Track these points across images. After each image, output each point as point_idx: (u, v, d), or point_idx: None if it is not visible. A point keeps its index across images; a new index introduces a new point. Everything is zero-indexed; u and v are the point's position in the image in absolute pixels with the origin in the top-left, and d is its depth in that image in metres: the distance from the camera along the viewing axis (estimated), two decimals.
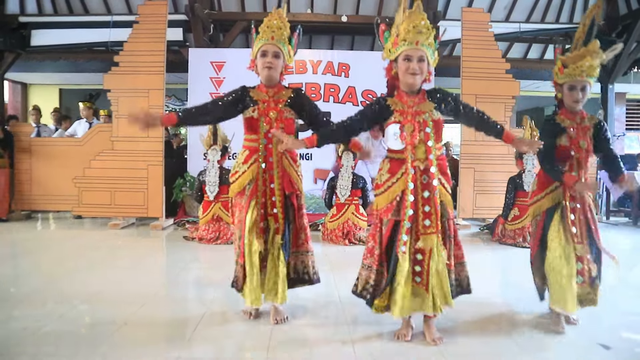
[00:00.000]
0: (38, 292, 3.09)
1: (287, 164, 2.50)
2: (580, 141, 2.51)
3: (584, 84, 2.49)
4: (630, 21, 7.50)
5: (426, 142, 2.21)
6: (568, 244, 2.46)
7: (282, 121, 2.45)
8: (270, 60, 2.44)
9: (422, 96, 2.28)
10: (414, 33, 2.15)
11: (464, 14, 6.39)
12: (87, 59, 8.57)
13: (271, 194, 2.46)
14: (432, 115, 2.24)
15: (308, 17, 7.58)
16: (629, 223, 6.90)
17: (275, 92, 2.51)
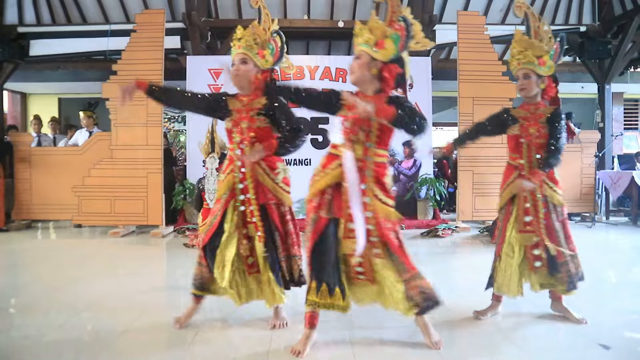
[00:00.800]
0: (39, 301, 3.09)
1: (261, 173, 2.46)
2: (530, 127, 2.59)
3: (523, 71, 2.58)
4: (626, 22, 7.54)
5: (365, 143, 2.18)
6: (516, 232, 2.58)
7: (253, 130, 2.43)
8: (237, 67, 2.47)
9: (381, 99, 2.18)
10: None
11: (460, 17, 6.42)
12: (86, 68, 8.61)
13: (249, 203, 2.46)
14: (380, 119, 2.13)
15: (305, 23, 7.63)
16: (628, 222, 6.90)
17: (250, 101, 2.50)
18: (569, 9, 8.49)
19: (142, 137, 5.98)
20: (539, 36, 2.63)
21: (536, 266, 2.58)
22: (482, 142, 6.06)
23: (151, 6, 7.87)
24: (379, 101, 2.15)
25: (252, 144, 2.42)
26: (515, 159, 2.68)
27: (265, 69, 2.53)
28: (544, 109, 2.61)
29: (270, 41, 2.56)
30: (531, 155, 2.59)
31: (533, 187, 2.52)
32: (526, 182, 2.49)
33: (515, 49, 2.61)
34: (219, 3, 8.07)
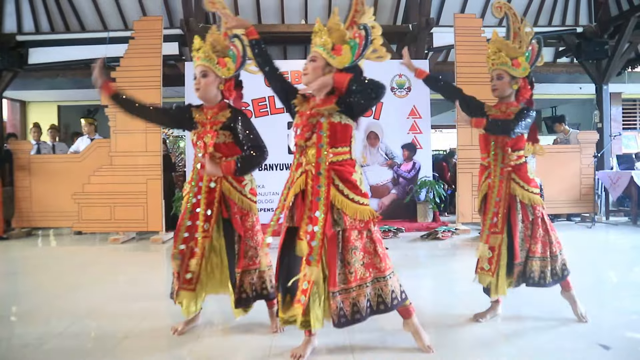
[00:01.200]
0: (39, 309, 3.09)
1: (228, 187, 2.42)
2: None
3: (497, 72, 2.60)
4: (622, 22, 7.56)
5: (317, 145, 2.10)
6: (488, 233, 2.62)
7: (214, 146, 2.38)
8: (198, 80, 2.42)
9: (331, 99, 2.10)
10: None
11: (457, 20, 6.45)
12: (85, 75, 8.61)
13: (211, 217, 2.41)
14: (332, 118, 2.09)
15: (302, 28, 7.64)
16: (628, 222, 6.90)
17: (214, 114, 2.44)
18: (565, 10, 8.52)
19: (141, 143, 6.00)
20: (518, 37, 2.63)
21: (484, 268, 2.62)
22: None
23: (149, 13, 7.91)
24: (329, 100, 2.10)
25: (219, 159, 2.37)
26: (484, 159, 2.71)
27: (229, 77, 2.47)
28: (515, 109, 2.60)
29: (231, 47, 2.45)
30: (497, 153, 2.61)
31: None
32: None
33: (490, 49, 2.63)
34: None
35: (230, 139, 2.41)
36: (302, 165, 2.16)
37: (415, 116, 6.82)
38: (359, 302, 2.09)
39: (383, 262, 2.14)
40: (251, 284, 2.48)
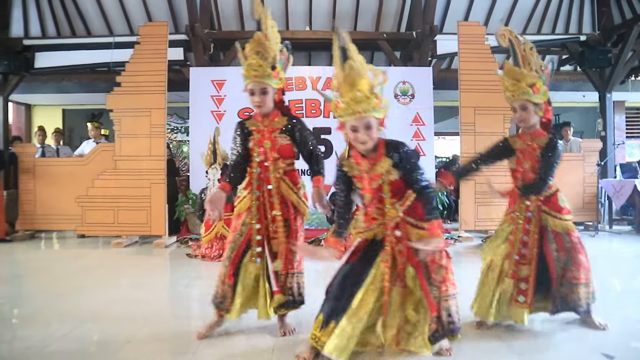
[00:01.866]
0: (42, 311, 3.10)
1: (286, 188, 2.53)
2: (524, 161, 2.60)
3: (520, 103, 2.55)
4: (625, 30, 7.58)
5: (383, 206, 2.20)
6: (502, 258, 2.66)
7: (276, 150, 2.50)
8: (258, 100, 2.46)
9: (379, 154, 2.15)
10: (353, 104, 2.02)
11: (460, 27, 6.47)
12: (90, 79, 8.69)
13: (272, 220, 2.51)
14: (390, 176, 2.14)
15: (307, 35, 7.70)
16: (631, 231, 6.88)
17: (270, 121, 2.53)
18: (568, 19, 8.54)
19: (145, 147, 6.02)
20: (526, 60, 2.55)
21: (519, 301, 2.56)
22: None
23: (155, 18, 7.97)
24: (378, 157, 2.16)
25: (276, 161, 2.50)
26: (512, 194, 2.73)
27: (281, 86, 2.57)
28: (539, 140, 2.56)
29: (281, 56, 2.53)
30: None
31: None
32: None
33: (507, 81, 2.57)
34: (221, 15, 8.16)
35: (287, 142, 2.52)
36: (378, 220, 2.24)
37: (419, 123, 6.83)
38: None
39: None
40: (291, 287, 2.56)
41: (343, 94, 2.06)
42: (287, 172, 2.55)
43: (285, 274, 2.53)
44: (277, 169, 2.50)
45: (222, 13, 8.15)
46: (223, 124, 6.40)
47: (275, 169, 2.49)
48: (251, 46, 2.44)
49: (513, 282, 2.58)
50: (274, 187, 2.50)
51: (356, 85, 2.02)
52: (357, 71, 2.02)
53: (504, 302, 2.60)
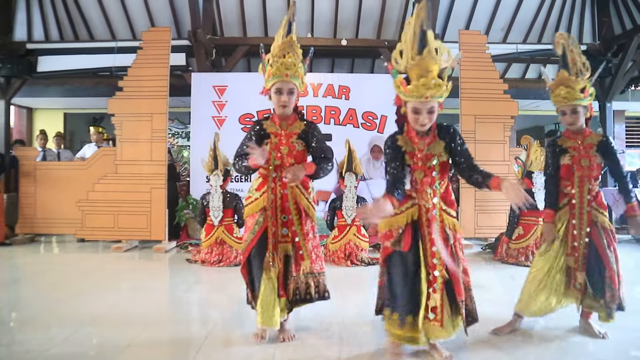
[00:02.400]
0: (41, 316, 3.10)
1: (299, 193, 2.57)
2: (582, 159, 2.64)
3: (571, 107, 2.64)
4: (625, 41, 7.62)
5: (432, 185, 2.28)
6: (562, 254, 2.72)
7: (292, 156, 2.53)
8: (285, 99, 2.48)
9: (433, 134, 2.32)
10: (424, 89, 2.13)
11: (462, 36, 6.51)
12: (92, 84, 8.71)
13: (288, 222, 2.55)
14: (441, 157, 2.29)
15: (309, 42, 7.73)
16: (631, 240, 6.88)
17: (288, 125, 2.57)
18: (569, 28, 8.58)
19: (146, 152, 6.04)
20: (574, 62, 2.67)
21: (576, 287, 2.69)
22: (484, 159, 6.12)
23: (157, 24, 8.01)
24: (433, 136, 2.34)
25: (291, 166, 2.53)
26: (566, 187, 2.72)
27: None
28: (590, 138, 2.68)
29: (305, 62, 2.59)
30: (583, 186, 2.66)
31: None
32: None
33: (562, 89, 2.64)
34: (224, 21, 8.20)
35: (302, 147, 2.56)
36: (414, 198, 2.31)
37: None
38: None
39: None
40: (309, 286, 2.60)
41: (414, 76, 2.14)
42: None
43: (318, 273, 2.61)
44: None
45: (225, 19, 8.19)
46: (224, 129, 6.42)
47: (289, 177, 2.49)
48: (282, 47, 2.48)
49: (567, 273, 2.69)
50: (289, 192, 2.54)
51: (430, 71, 2.12)
52: (433, 58, 2.11)
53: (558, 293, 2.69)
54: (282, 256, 2.55)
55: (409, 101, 2.19)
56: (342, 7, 8.10)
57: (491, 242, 5.90)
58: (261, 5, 8.02)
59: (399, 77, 2.21)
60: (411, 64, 2.15)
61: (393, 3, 8.10)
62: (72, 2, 7.97)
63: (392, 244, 2.27)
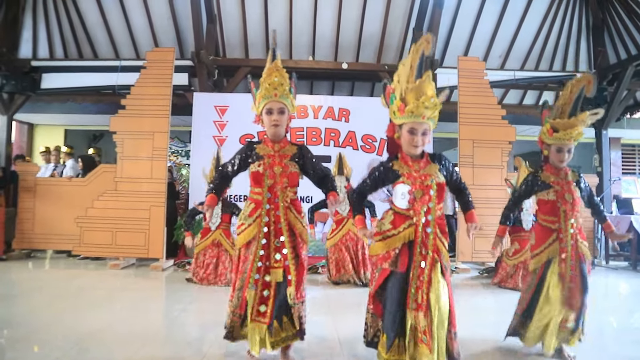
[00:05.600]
0: (35, 333, 3.07)
1: (293, 217, 2.54)
2: (566, 194, 2.75)
3: (570, 146, 2.76)
4: (620, 70, 7.78)
5: (428, 204, 2.30)
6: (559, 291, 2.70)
7: (286, 176, 2.52)
8: (276, 118, 2.51)
9: (426, 159, 2.38)
10: (422, 108, 2.21)
11: (460, 62, 6.63)
12: (94, 101, 8.80)
13: (281, 246, 2.48)
14: (437, 178, 2.33)
15: (310, 64, 7.87)
16: (628, 267, 6.89)
17: (281, 147, 2.57)
18: (565, 57, 8.76)
19: (146, 170, 6.07)
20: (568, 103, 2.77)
21: (567, 326, 2.70)
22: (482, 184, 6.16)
23: (161, 44, 8.14)
24: (426, 161, 2.40)
25: (285, 188, 2.51)
26: (553, 223, 2.78)
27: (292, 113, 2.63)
28: (570, 175, 2.80)
29: (292, 84, 2.61)
30: (567, 221, 2.73)
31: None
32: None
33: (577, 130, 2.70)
34: (226, 42, 8.34)
35: (295, 169, 2.56)
36: (411, 218, 2.31)
37: None
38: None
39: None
40: (300, 316, 2.53)
41: (412, 99, 2.23)
42: (292, 201, 2.56)
43: (300, 302, 2.51)
44: (285, 196, 2.51)
45: (228, 41, 8.33)
46: (224, 149, 6.42)
47: (283, 197, 2.50)
48: (269, 72, 2.55)
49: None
50: (282, 214, 2.49)
51: (428, 93, 2.22)
52: (431, 82, 2.24)
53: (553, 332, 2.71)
54: (274, 283, 2.46)
55: (406, 123, 2.27)
56: (344, 31, 8.26)
57: (488, 266, 5.90)
58: (263, 27, 8.17)
59: (397, 100, 2.29)
60: (410, 87, 2.24)
61: (393, 28, 8.27)
62: (78, 21, 8.12)
63: (390, 264, 2.29)
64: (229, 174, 2.63)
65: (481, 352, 2.80)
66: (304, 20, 8.17)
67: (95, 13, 8.04)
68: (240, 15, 8.01)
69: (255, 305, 2.44)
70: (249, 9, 7.95)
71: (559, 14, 8.40)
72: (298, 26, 8.18)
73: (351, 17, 8.14)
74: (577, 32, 8.60)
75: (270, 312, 2.43)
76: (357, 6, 8.00)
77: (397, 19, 8.17)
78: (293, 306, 2.47)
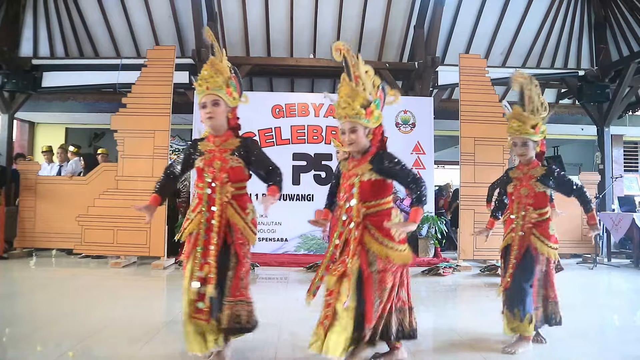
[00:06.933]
0: (36, 332, 3.07)
1: (232, 212, 2.43)
2: (522, 188, 2.89)
3: (519, 140, 2.88)
4: (622, 67, 7.74)
5: (349, 202, 2.36)
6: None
7: (225, 171, 2.42)
8: (209, 110, 2.42)
9: (365, 158, 2.39)
10: (339, 109, 2.35)
11: (462, 59, 6.61)
12: (95, 99, 8.81)
13: (209, 243, 2.38)
14: (363, 176, 2.34)
15: (311, 62, 7.85)
16: (630, 265, 6.87)
17: (223, 141, 2.48)
18: (567, 53, 8.73)
19: (147, 168, 6.06)
20: (531, 101, 2.84)
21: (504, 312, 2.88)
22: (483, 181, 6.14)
23: (162, 42, 8.14)
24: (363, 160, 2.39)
25: (224, 183, 2.41)
26: (511, 213, 2.98)
27: (234, 107, 2.53)
28: (534, 170, 2.89)
29: (232, 78, 2.51)
30: (519, 212, 2.89)
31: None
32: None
33: (514, 122, 2.88)
34: (227, 41, 8.33)
35: (238, 164, 2.45)
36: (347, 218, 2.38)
37: (419, 152, 6.91)
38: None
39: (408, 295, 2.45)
40: (240, 315, 2.42)
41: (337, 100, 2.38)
42: (236, 197, 2.44)
43: (235, 301, 2.40)
44: (224, 192, 2.41)
45: (228, 39, 8.32)
46: None
47: (222, 192, 2.40)
48: (207, 67, 2.49)
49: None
50: (218, 210, 2.40)
51: (341, 95, 2.35)
52: (348, 83, 2.34)
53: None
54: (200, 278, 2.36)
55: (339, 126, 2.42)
56: (345, 29, 8.25)
57: (490, 264, 5.90)
58: (264, 26, 8.16)
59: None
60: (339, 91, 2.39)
61: (394, 26, 8.26)
62: (79, 20, 8.12)
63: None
64: (176, 173, 2.60)
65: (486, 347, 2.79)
66: (304, 18, 8.16)
67: (96, 11, 8.04)
68: (241, 13, 8.00)
69: (193, 302, 2.36)
70: (249, 7, 7.95)
71: (560, 11, 8.38)
72: (299, 24, 8.17)
73: (352, 14, 8.13)
74: (579, 29, 8.57)
75: (207, 309, 2.34)
76: (358, 4, 7.99)
77: (398, 16, 8.15)
78: (224, 304, 2.37)
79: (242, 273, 2.44)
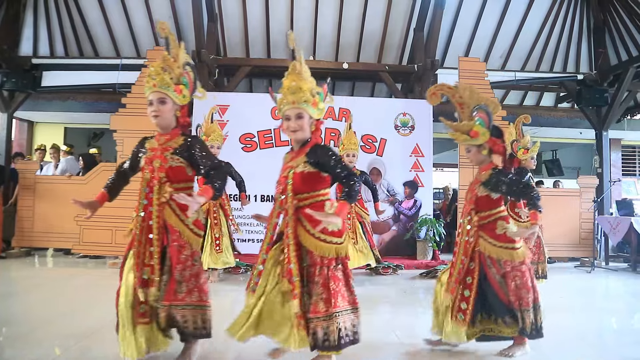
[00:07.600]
0: (34, 331, 3.06)
1: (169, 213, 2.35)
2: (468, 194, 2.88)
3: (467, 146, 2.85)
4: (621, 71, 7.77)
5: (284, 194, 2.34)
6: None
7: (164, 170, 2.34)
8: (155, 108, 2.36)
9: (303, 150, 2.36)
10: (289, 95, 2.30)
11: (461, 63, 6.63)
12: (95, 99, 8.80)
13: (149, 244, 2.33)
14: (297, 169, 2.31)
15: (310, 64, 7.68)
16: (628, 269, 6.88)
17: (167, 140, 2.41)
18: (566, 57, 8.76)
19: None
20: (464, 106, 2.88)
21: (458, 318, 2.68)
22: None
23: (162, 43, 8.12)
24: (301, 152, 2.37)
25: (162, 183, 2.34)
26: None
27: (184, 104, 2.46)
28: (479, 175, 2.85)
29: (184, 75, 2.44)
30: (464, 217, 2.86)
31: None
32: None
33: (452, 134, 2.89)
34: (227, 42, 8.34)
35: (179, 164, 2.37)
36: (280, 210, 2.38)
37: (418, 154, 6.91)
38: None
39: (334, 299, 2.24)
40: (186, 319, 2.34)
41: (283, 88, 2.34)
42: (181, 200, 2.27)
43: (170, 305, 2.30)
44: (162, 192, 2.33)
45: (228, 40, 8.33)
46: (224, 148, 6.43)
47: (160, 192, 2.33)
48: (157, 63, 2.42)
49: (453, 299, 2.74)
50: (155, 210, 2.33)
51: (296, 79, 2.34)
52: (298, 73, 2.35)
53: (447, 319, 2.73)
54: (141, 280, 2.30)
55: (283, 112, 2.35)
56: (345, 31, 8.26)
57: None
58: (264, 27, 8.16)
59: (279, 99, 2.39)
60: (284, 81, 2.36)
61: (394, 28, 8.27)
62: (79, 19, 8.12)
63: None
64: (126, 170, 2.60)
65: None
66: (304, 19, 8.17)
67: (96, 11, 8.04)
68: (241, 14, 8.01)
69: (136, 305, 2.31)
70: (249, 8, 7.95)
71: (560, 15, 8.41)
72: (299, 26, 8.18)
73: (352, 16, 8.14)
74: (578, 33, 8.60)
75: (148, 311, 2.31)
76: (358, 6, 8.00)
77: (398, 18, 8.17)
78: (159, 307, 2.30)
79: (178, 276, 2.31)
